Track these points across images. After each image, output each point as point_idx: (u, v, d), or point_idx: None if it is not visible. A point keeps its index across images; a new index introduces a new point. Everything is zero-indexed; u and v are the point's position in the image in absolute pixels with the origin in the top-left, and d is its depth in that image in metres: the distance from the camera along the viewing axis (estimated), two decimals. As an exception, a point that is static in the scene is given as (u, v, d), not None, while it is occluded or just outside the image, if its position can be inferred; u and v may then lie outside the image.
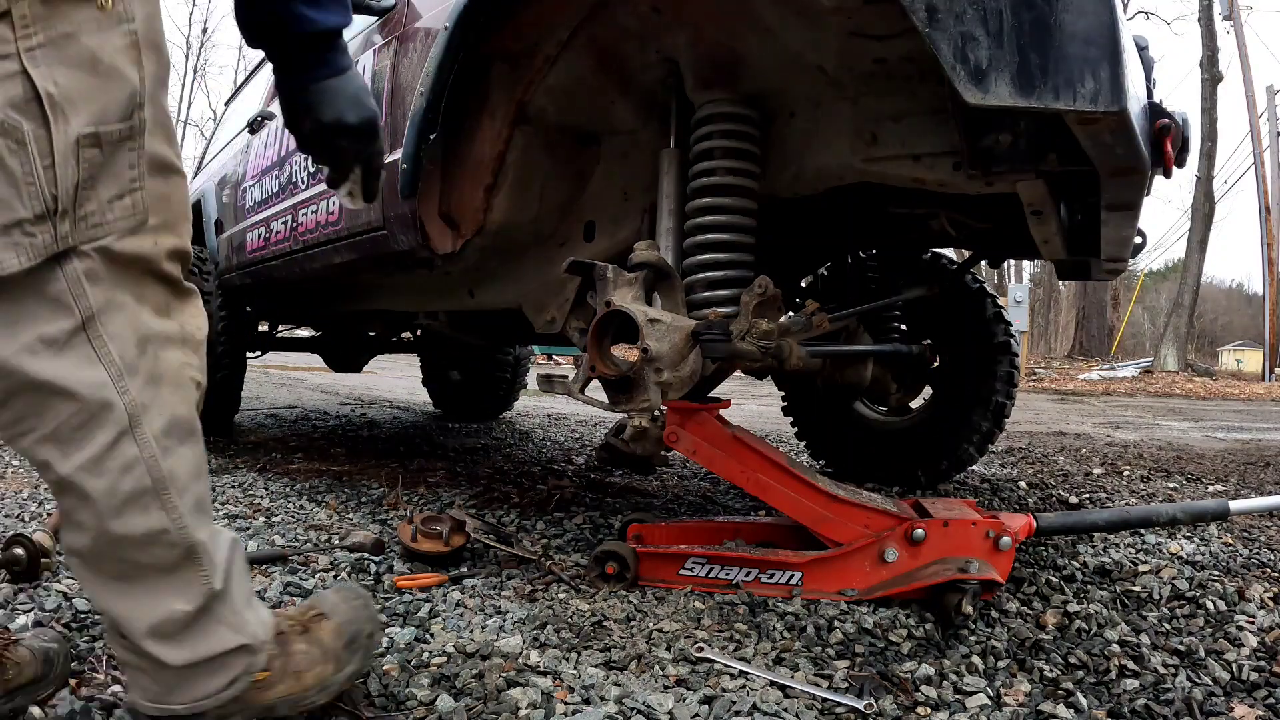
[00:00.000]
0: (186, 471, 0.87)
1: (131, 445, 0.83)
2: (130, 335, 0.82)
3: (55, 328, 0.79)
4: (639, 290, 1.59)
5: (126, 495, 0.83)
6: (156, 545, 0.85)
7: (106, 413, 0.81)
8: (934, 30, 1.23)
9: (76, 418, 0.81)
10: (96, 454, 0.81)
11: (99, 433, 0.81)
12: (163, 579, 0.87)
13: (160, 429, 0.85)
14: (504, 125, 2.00)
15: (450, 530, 1.80)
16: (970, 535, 1.59)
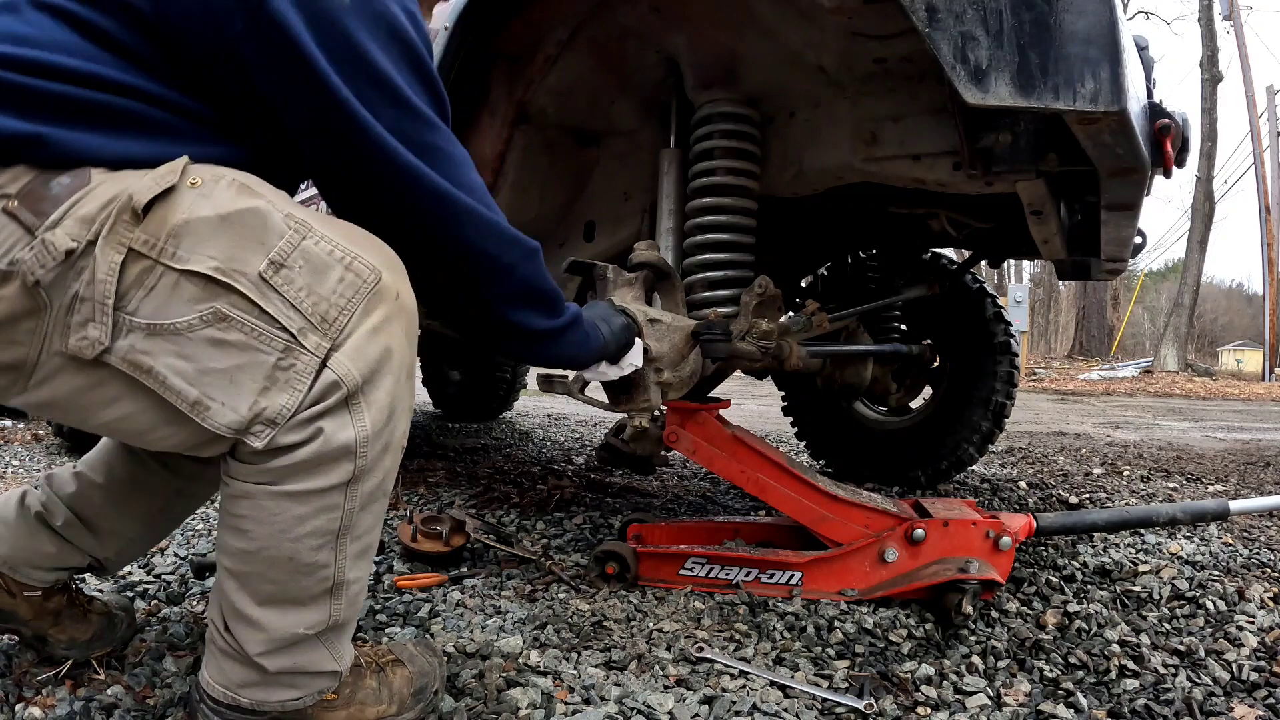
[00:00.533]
0: (367, 525, 0.94)
1: (342, 495, 0.89)
2: (386, 404, 0.90)
3: (334, 398, 0.87)
4: (639, 290, 1.59)
5: (311, 532, 0.89)
6: (310, 578, 0.92)
7: (343, 463, 0.88)
8: (934, 30, 1.23)
9: (315, 459, 0.87)
10: (310, 490, 0.87)
11: (323, 477, 0.87)
12: (299, 603, 0.93)
13: (371, 489, 0.92)
14: (504, 125, 2.00)
15: (450, 530, 1.80)
16: (970, 535, 1.59)
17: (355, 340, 0.87)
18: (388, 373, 0.90)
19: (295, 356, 0.84)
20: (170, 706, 1.10)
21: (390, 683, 1.06)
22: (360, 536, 0.94)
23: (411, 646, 1.15)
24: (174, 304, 0.82)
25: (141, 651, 1.25)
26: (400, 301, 0.91)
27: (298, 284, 0.85)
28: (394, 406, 0.91)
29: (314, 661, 0.96)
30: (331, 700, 1.00)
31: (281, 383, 0.84)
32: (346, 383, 0.86)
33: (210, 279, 0.82)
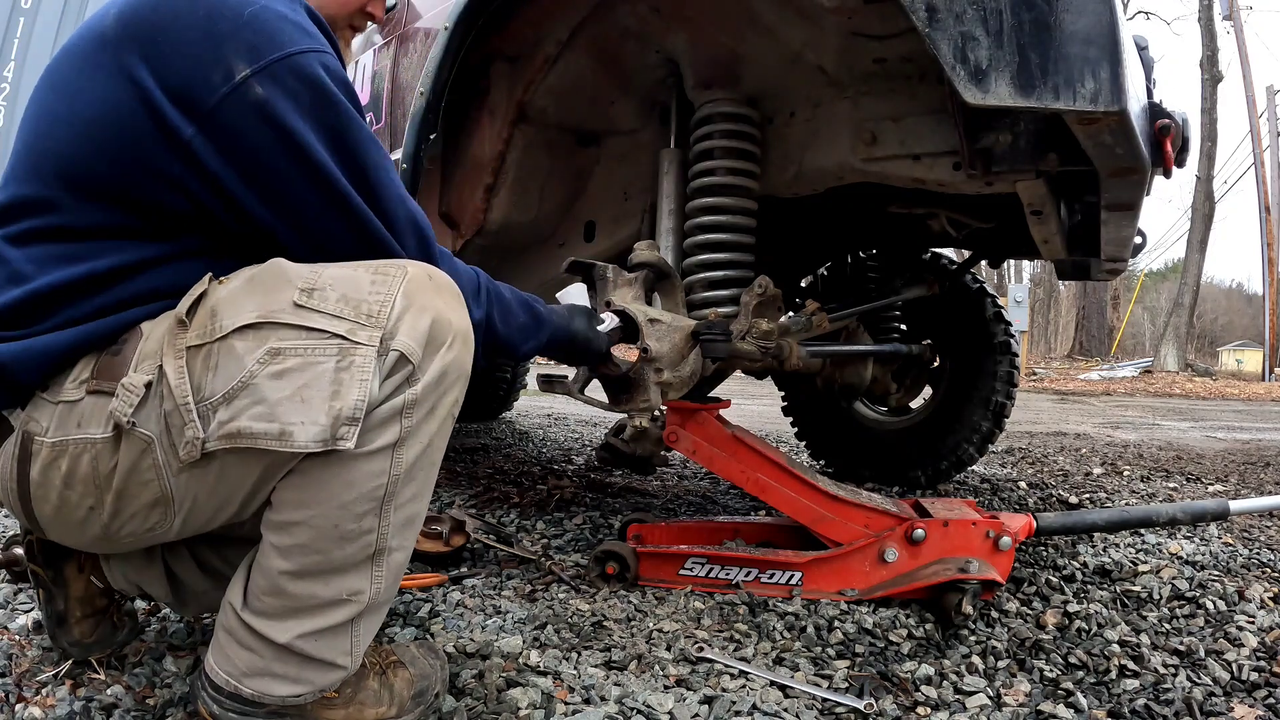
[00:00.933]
0: (412, 493, 0.96)
1: (388, 460, 0.92)
2: (437, 371, 0.94)
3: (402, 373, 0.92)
4: (639, 290, 1.59)
5: (358, 497, 0.92)
6: (353, 544, 0.93)
7: (390, 426, 0.91)
8: (934, 30, 1.23)
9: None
10: (359, 453, 0.90)
11: (371, 441, 0.91)
12: (341, 572, 0.94)
13: (415, 456, 0.94)
14: (504, 125, 2.00)
15: (450, 530, 1.80)
16: (970, 535, 1.59)
17: (406, 321, 0.91)
18: (440, 341, 0.93)
19: (352, 354, 0.89)
20: (170, 706, 1.10)
21: (391, 684, 1.06)
22: (404, 505, 0.95)
23: (414, 649, 1.15)
24: (235, 364, 0.89)
25: (141, 651, 1.25)
26: (436, 281, 0.96)
27: (332, 299, 0.91)
28: (444, 373, 0.94)
29: (332, 652, 0.96)
30: (332, 699, 1.00)
31: (346, 382, 0.88)
32: (411, 357, 0.91)
33: (254, 325, 0.89)
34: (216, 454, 0.89)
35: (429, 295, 0.94)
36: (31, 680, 1.15)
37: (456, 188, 2.13)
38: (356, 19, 1.28)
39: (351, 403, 0.88)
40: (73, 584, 1.20)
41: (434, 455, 0.97)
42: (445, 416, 0.97)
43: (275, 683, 0.95)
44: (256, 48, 0.92)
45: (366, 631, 0.99)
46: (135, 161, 0.94)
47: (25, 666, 1.18)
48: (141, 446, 0.91)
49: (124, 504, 0.94)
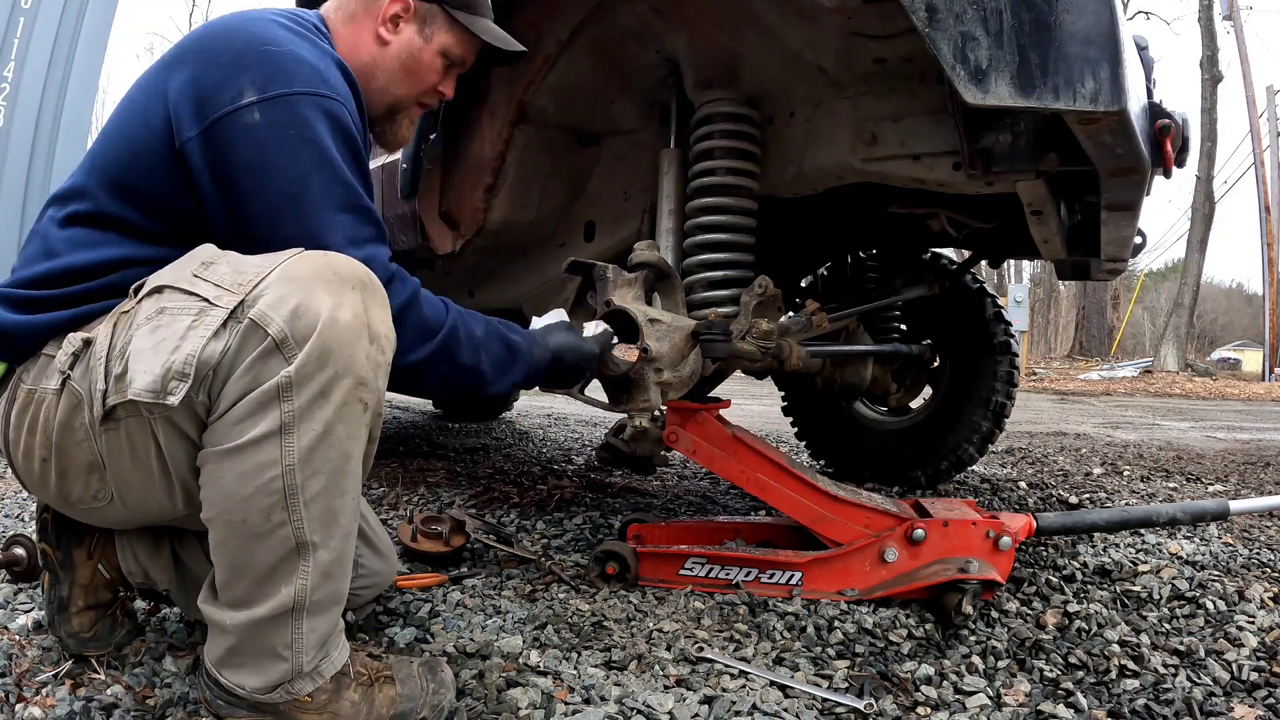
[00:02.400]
0: (321, 487, 0.96)
1: (276, 448, 0.93)
2: (317, 349, 0.95)
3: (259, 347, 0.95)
4: (639, 290, 1.59)
5: (257, 490, 0.94)
6: (267, 541, 0.95)
7: (270, 409, 0.92)
8: (934, 30, 1.23)
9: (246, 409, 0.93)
10: (244, 443, 0.93)
11: (253, 426, 0.93)
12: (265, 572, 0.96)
13: (310, 443, 0.95)
14: (504, 125, 2.00)
15: (450, 530, 1.80)
16: (970, 535, 1.59)
17: (275, 292, 0.92)
18: (311, 322, 0.91)
19: (206, 315, 0.92)
20: (170, 706, 1.10)
21: (373, 699, 1.04)
22: (317, 498, 0.94)
23: (416, 667, 1.11)
24: (135, 323, 0.96)
25: (141, 651, 1.25)
26: (334, 270, 0.95)
27: (222, 271, 0.96)
28: (327, 352, 0.91)
29: (274, 642, 0.97)
30: (305, 703, 1.00)
31: (189, 338, 0.91)
32: (268, 327, 0.90)
33: (159, 289, 0.97)
34: (120, 417, 0.95)
35: (313, 278, 0.93)
36: (31, 680, 1.15)
37: (457, 188, 2.13)
38: (427, 97, 1.36)
39: (183, 356, 0.90)
40: (80, 570, 1.21)
41: (343, 446, 0.95)
42: (343, 404, 0.94)
43: (243, 671, 0.98)
44: (270, 79, 1.02)
45: (312, 630, 0.98)
46: (146, 157, 1.05)
47: (25, 666, 1.18)
48: (75, 401, 0.98)
49: (66, 463, 1.00)
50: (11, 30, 5.23)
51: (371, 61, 1.27)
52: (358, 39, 1.26)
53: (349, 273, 0.97)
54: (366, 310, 0.96)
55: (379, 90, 1.29)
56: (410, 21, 1.28)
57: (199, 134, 1.02)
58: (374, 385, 0.97)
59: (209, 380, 0.92)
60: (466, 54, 1.35)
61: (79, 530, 1.21)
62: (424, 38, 1.29)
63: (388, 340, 0.99)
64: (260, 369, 0.91)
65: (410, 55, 1.29)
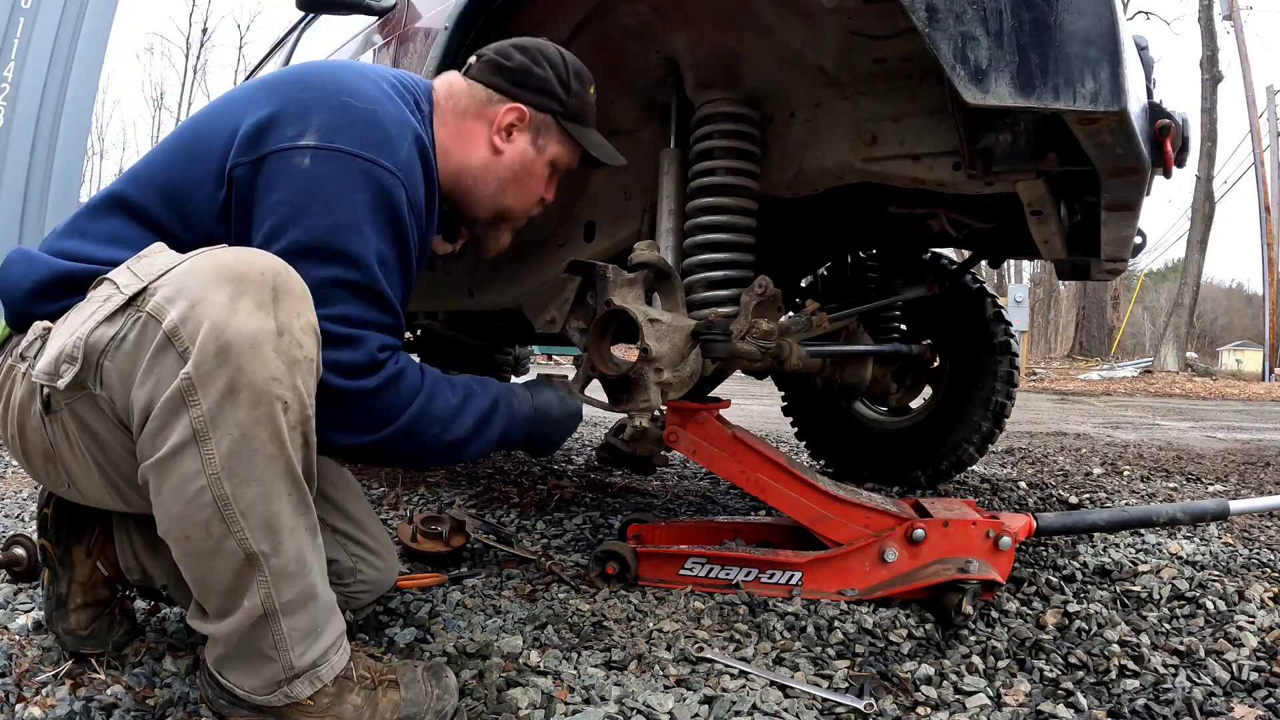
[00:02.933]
0: (256, 495, 0.94)
1: (196, 458, 0.90)
2: (214, 345, 0.93)
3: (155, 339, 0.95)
4: (639, 290, 1.59)
5: (189, 504, 0.92)
6: (216, 558, 0.94)
7: (179, 417, 0.90)
8: (934, 30, 1.23)
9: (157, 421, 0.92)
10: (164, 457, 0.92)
11: (167, 436, 0.91)
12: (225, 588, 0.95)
13: (230, 449, 0.92)
14: (504, 125, 2.00)
15: (450, 530, 1.80)
16: (970, 535, 1.59)
17: (175, 284, 0.90)
18: (209, 311, 0.87)
19: (108, 301, 0.91)
20: (170, 706, 1.10)
21: (376, 703, 1.03)
22: (253, 507, 0.90)
23: (421, 672, 1.10)
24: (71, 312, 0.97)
25: (141, 651, 1.25)
26: (240, 271, 0.90)
27: (148, 261, 0.95)
28: (226, 347, 0.86)
29: (261, 644, 0.96)
30: (307, 706, 0.99)
31: (86, 323, 0.91)
32: (162, 320, 0.87)
33: (101, 281, 0.96)
34: (56, 409, 0.96)
35: (215, 270, 0.90)
36: (31, 680, 1.15)
37: (456, 188, 2.13)
38: (535, 208, 1.35)
39: (73, 340, 0.90)
40: (79, 567, 1.21)
41: (266, 449, 0.89)
42: (255, 404, 0.88)
43: (239, 672, 0.98)
44: (335, 131, 1.02)
45: (292, 628, 0.96)
46: (199, 171, 1.05)
47: (25, 666, 1.18)
48: (31, 388, 0.99)
49: (28, 448, 1.01)
50: (11, 30, 5.24)
51: (483, 168, 1.25)
52: (469, 140, 1.24)
53: (257, 265, 0.91)
54: (275, 302, 0.90)
55: (487, 197, 1.28)
56: (524, 131, 1.26)
57: (250, 161, 1.02)
58: (290, 382, 0.90)
59: (102, 368, 0.90)
60: (572, 163, 1.34)
61: (78, 527, 1.22)
62: (537, 149, 1.28)
63: (304, 333, 0.92)
64: (160, 369, 0.88)
65: (523, 167, 1.27)
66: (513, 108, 1.25)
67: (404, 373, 1.08)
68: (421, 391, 1.10)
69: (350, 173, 1.01)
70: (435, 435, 1.13)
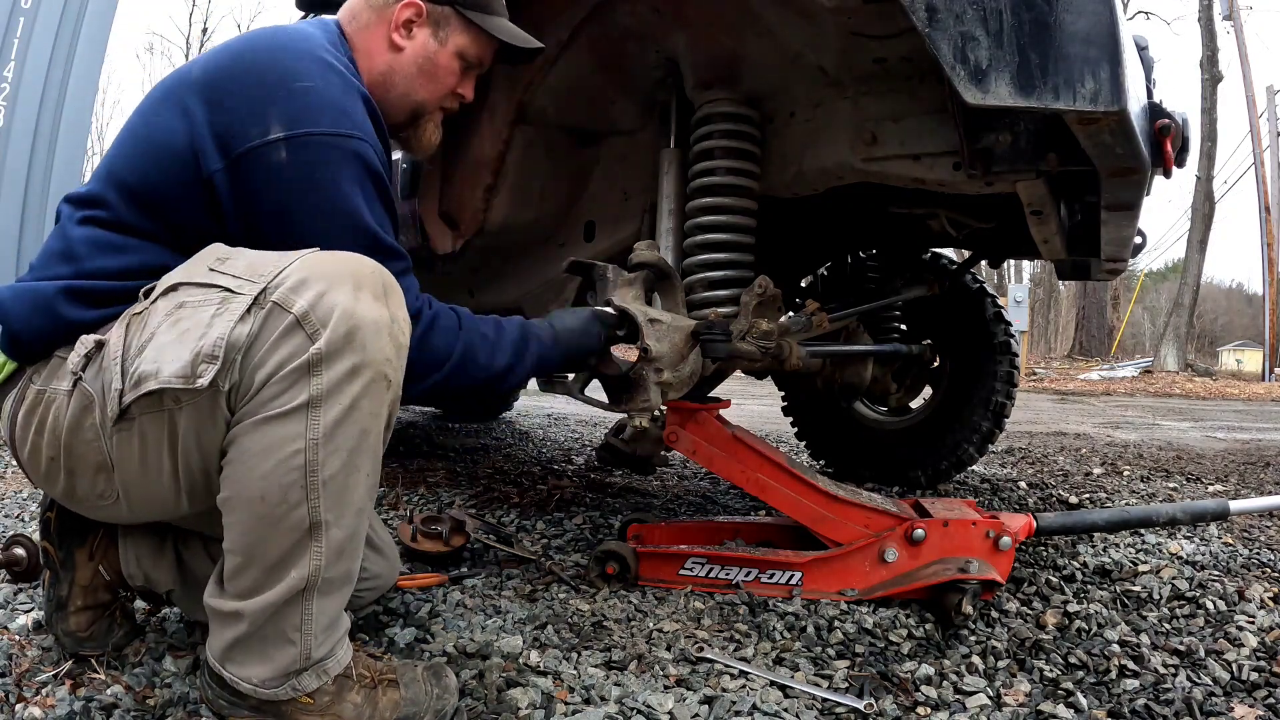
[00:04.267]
0: (340, 465, 0.97)
1: (302, 423, 0.95)
2: (344, 325, 0.98)
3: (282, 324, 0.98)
4: (639, 290, 1.59)
5: (277, 465, 0.95)
6: (283, 523, 0.96)
7: (300, 384, 0.94)
8: (934, 30, 1.23)
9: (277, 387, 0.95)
10: (272, 416, 0.96)
11: (283, 401, 0.95)
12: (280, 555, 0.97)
13: (336, 418, 0.97)
14: (504, 125, 2.00)
15: (450, 530, 1.80)
16: (970, 535, 1.59)
17: (294, 277, 0.94)
18: (339, 299, 0.93)
19: (230, 302, 0.93)
20: (170, 706, 1.10)
21: (376, 702, 1.04)
22: (335, 477, 0.95)
23: (420, 671, 1.10)
24: (153, 321, 0.97)
25: (141, 651, 1.25)
26: (350, 268, 0.97)
27: (240, 265, 0.98)
28: (354, 329, 0.94)
29: (284, 625, 0.97)
30: (307, 704, 1.00)
31: (216, 325, 0.93)
32: (291, 309, 0.92)
33: (175, 286, 0.99)
34: (135, 415, 0.96)
35: (332, 265, 0.97)
36: (31, 680, 1.15)
37: (456, 188, 2.13)
38: (448, 101, 1.36)
39: (213, 339, 0.92)
40: (80, 569, 1.21)
41: (364, 423, 0.96)
42: (370, 380, 0.95)
43: (249, 662, 0.98)
44: (296, 119, 1.05)
45: (322, 611, 0.98)
46: (172, 180, 1.07)
47: (25, 666, 1.18)
48: (85, 402, 0.99)
49: (75, 462, 1.01)
50: (11, 30, 5.23)
51: (388, 69, 1.27)
52: (372, 47, 1.26)
53: (366, 262, 1.00)
54: (386, 296, 0.99)
55: (400, 97, 1.29)
56: (424, 25, 1.28)
57: (225, 167, 1.05)
58: (397, 364, 0.99)
59: (235, 364, 0.93)
60: (483, 54, 1.35)
61: (81, 531, 1.22)
62: (439, 41, 1.29)
63: (406, 324, 1.01)
64: (287, 348, 0.92)
65: (426, 59, 1.29)
66: (408, 4, 1.26)
67: (439, 314, 1.17)
68: (461, 328, 1.19)
69: (327, 152, 1.05)
70: (484, 365, 1.21)
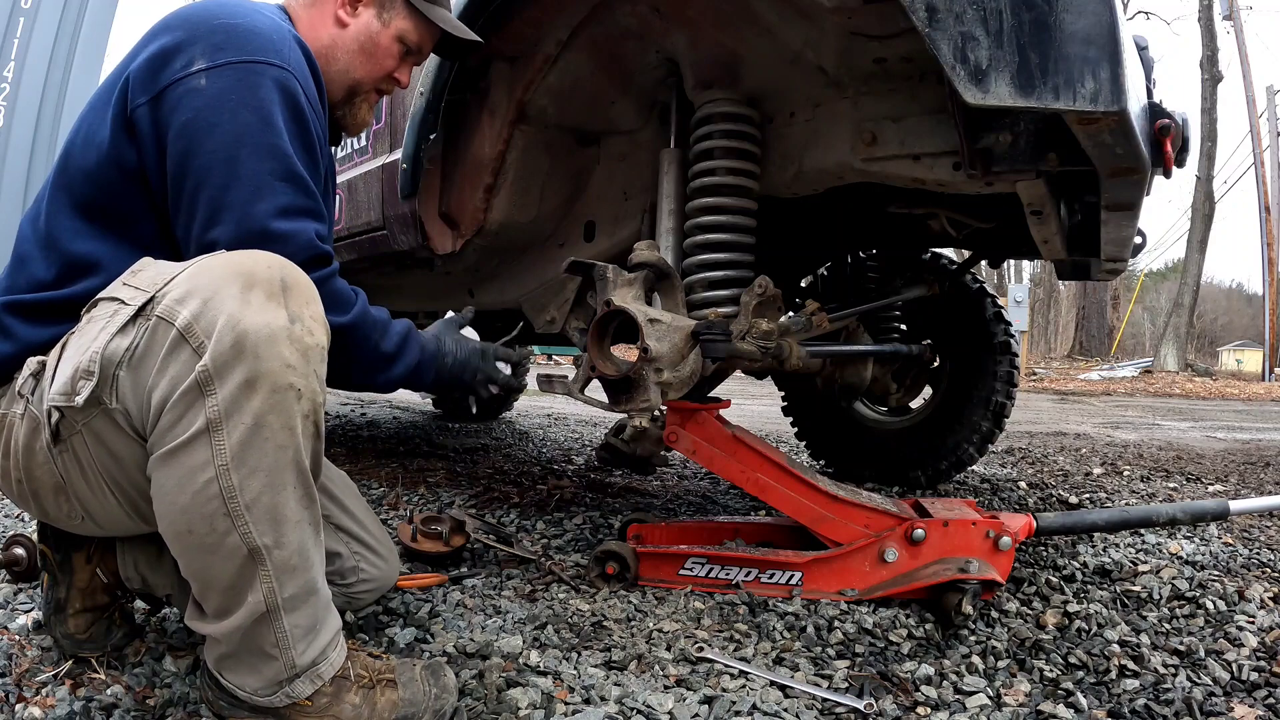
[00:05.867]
0: (261, 486, 0.95)
1: (207, 448, 0.91)
2: (230, 338, 0.94)
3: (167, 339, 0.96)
4: (639, 290, 1.59)
5: (195, 497, 0.93)
6: (218, 552, 0.94)
7: (194, 407, 0.91)
8: (934, 30, 1.23)
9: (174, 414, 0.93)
10: (176, 447, 0.93)
11: (182, 428, 0.93)
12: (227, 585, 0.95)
13: (242, 438, 0.94)
14: (504, 125, 2.00)
15: (450, 530, 1.80)
16: (970, 535, 1.59)
17: (181, 285, 0.91)
18: (224, 306, 0.89)
19: (117, 315, 0.92)
20: (170, 706, 1.10)
21: (375, 703, 1.03)
22: (259, 499, 0.90)
23: (419, 671, 1.10)
24: (73, 337, 0.97)
25: (141, 651, 1.25)
26: (242, 271, 0.92)
27: (147, 274, 0.97)
28: (243, 337, 0.88)
29: (262, 642, 0.96)
30: (305, 706, 1.00)
31: (97, 338, 0.91)
32: (174, 320, 0.89)
33: (97, 301, 0.97)
34: (65, 435, 0.95)
35: (222, 270, 0.92)
36: (31, 680, 1.15)
37: (456, 188, 2.13)
38: (384, 84, 1.38)
39: (89, 355, 0.91)
40: (78, 573, 1.21)
41: (277, 439, 0.90)
42: (271, 391, 0.89)
43: (240, 673, 0.98)
44: (219, 48, 1.04)
45: (294, 625, 0.97)
46: (102, 142, 1.05)
47: (25, 666, 1.18)
48: (34, 424, 0.99)
49: (37, 485, 1.01)
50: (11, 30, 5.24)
51: (331, 43, 1.29)
52: (317, 21, 1.29)
53: (260, 258, 0.95)
54: (284, 293, 0.92)
55: (338, 73, 1.31)
56: (369, 6, 1.31)
57: (148, 100, 1.03)
58: (303, 368, 0.92)
59: (119, 379, 0.90)
60: (423, 41, 1.38)
61: (78, 536, 1.21)
62: (382, 22, 1.32)
63: (314, 321, 0.95)
64: (175, 366, 0.89)
65: (368, 38, 1.31)
66: None
67: (336, 269, 1.14)
68: (357, 294, 1.17)
69: (247, 77, 1.05)
70: (375, 342, 1.19)
